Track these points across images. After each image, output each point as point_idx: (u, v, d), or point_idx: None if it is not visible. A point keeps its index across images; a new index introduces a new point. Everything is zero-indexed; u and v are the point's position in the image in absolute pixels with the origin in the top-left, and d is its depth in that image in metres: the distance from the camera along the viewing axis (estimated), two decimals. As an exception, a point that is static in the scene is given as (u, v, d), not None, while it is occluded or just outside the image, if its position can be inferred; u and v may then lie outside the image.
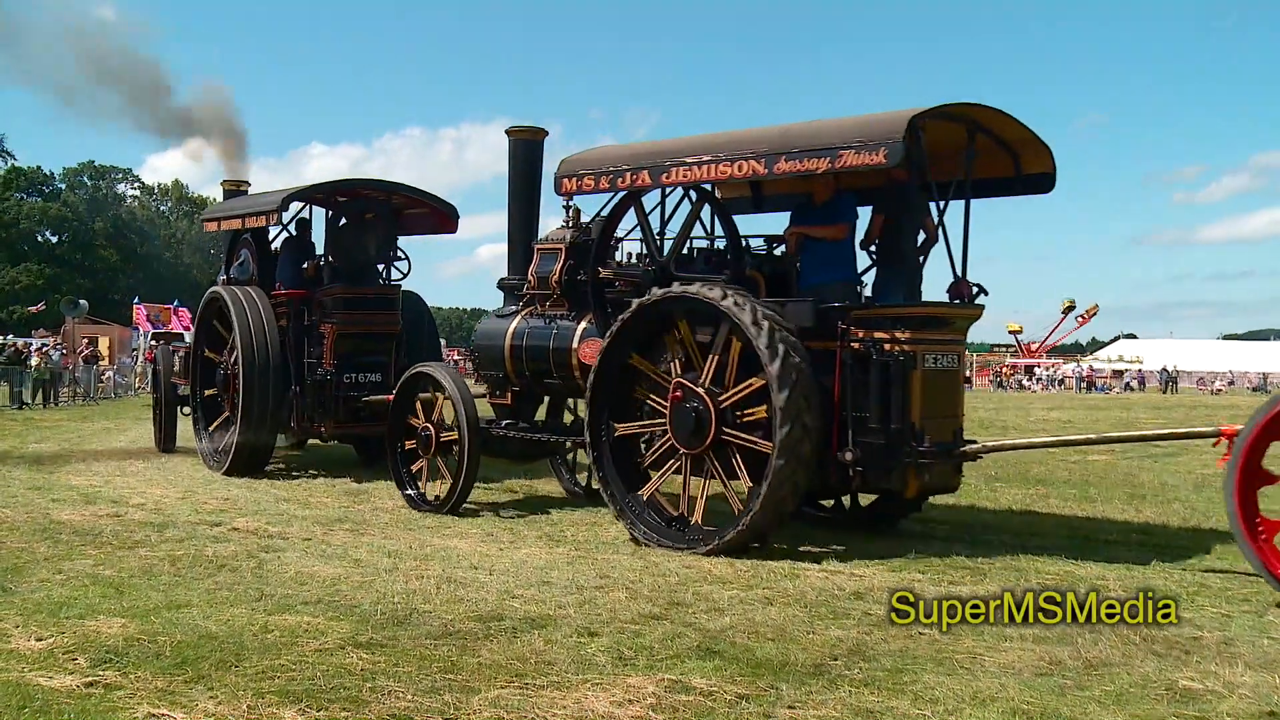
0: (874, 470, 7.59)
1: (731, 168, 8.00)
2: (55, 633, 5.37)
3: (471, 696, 4.49)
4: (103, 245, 74.26)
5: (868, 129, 7.42)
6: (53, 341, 34.37)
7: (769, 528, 7.62)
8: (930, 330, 7.73)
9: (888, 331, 7.58)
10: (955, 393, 8.01)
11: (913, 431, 7.50)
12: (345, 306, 11.95)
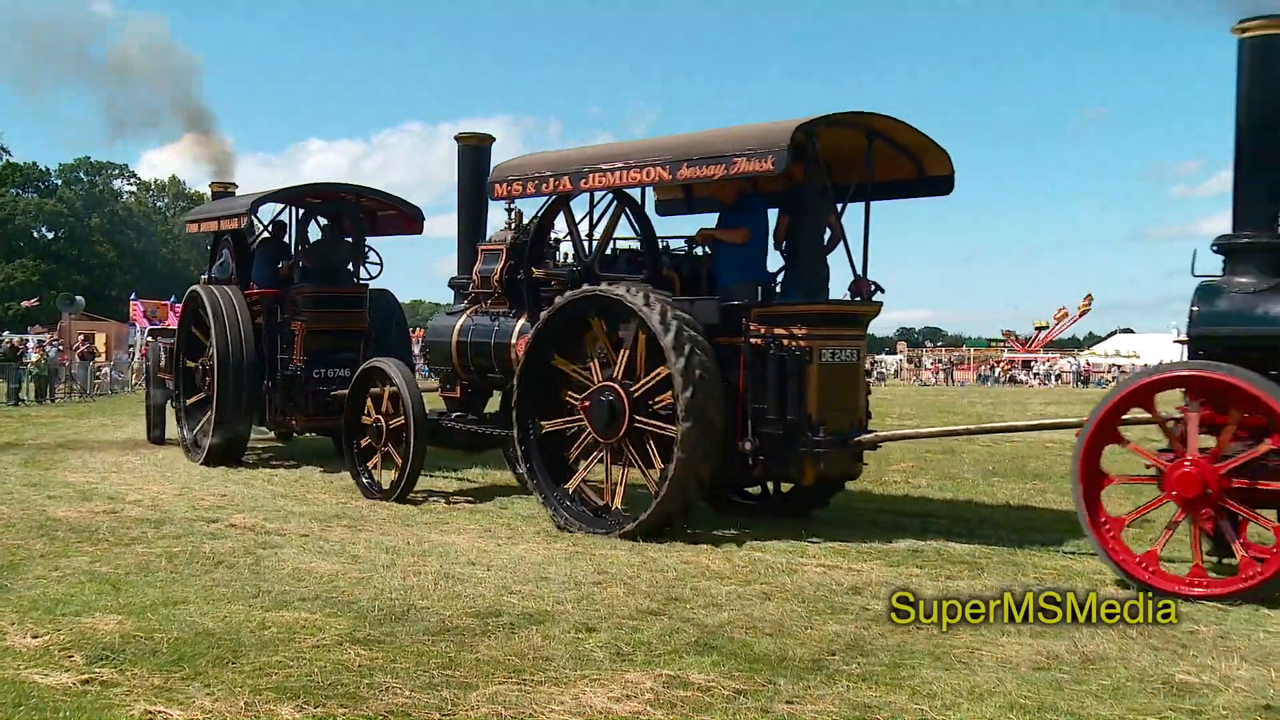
0: (773, 459, 8.01)
1: (640, 174, 8.50)
2: (51, 630, 5.36)
3: (469, 692, 4.49)
4: (99, 241, 74.16)
5: (757, 138, 7.91)
6: (49, 338, 34.31)
7: (676, 512, 8.02)
8: (827, 327, 8.13)
9: (786, 328, 7.98)
10: (855, 386, 8.39)
11: (809, 422, 7.89)
12: (314, 305, 12.48)
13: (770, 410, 7.93)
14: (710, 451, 7.86)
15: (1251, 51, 6.92)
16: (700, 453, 7.78)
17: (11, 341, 29.50)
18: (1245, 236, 6.98)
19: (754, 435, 7.96)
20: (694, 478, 7.87)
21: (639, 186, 8.83)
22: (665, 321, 7.84)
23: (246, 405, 12.45)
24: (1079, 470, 6.62)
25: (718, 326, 8.14)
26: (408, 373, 10.16)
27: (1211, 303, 6.95)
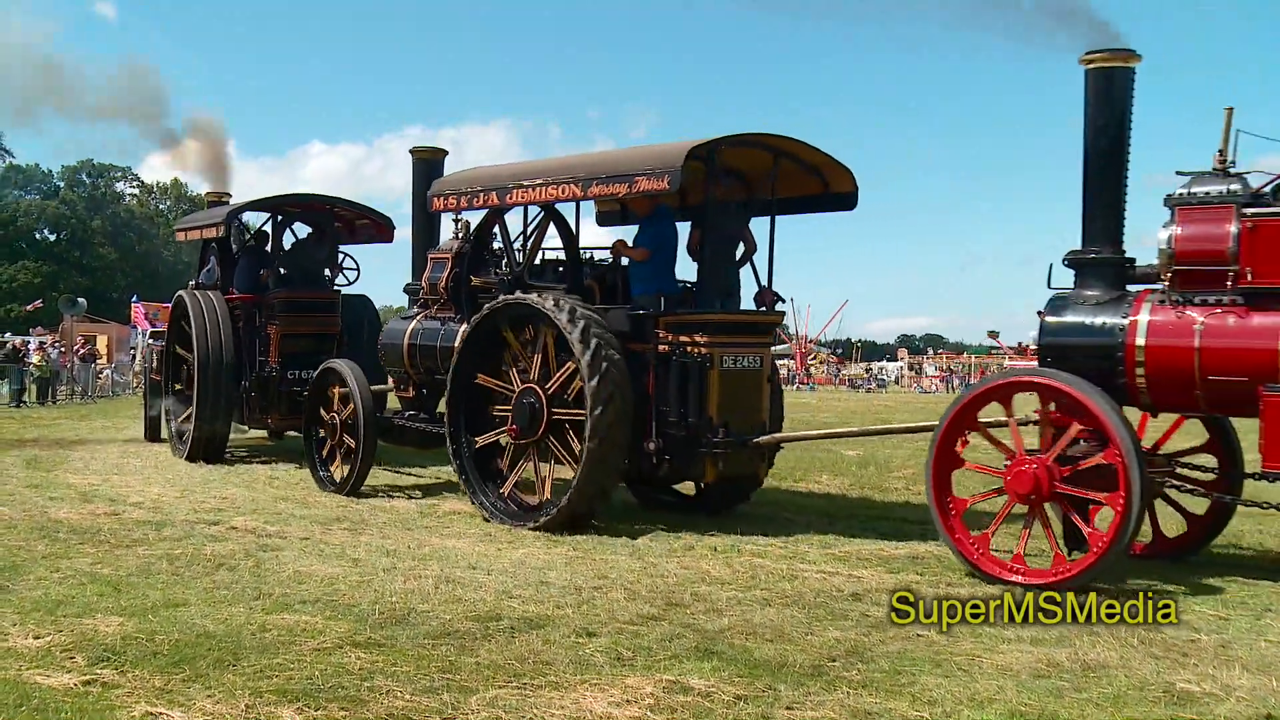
0: (677, 459, 8.57)
1: (557, 190, 9.11)
2: (53, 631, 5.37)
3: (469, 696, 4.49)
4: (101, 243, 74.18)
5: (655, 159, 8.51)
6: (50, 340, 34.33)
7: (591, 503, 8.52)
8: (728, 335, 8.68)
9: (690, 335, 8.54)
10: (757, 390, 8.91)
11: (710, 425, 8.46)
12: (288, 309, 13.17)
13: (673, 413, 8.47)
14: (621, 439, 8.34)
15: (1095, 81, 7.43)
16: (611, 439, 8.25)
17: (14, 343, 29.47)
18: (1092, 252, 7.48)
19: (658, 436, 8.51)
20: (608, 462, 8.33)
21: (556, 202, 9.32)
22: (573, 319, 8.39)
23: (225, 405, 13.04)
24: (932, 467, 7.13)
25: (629, 334, 8.69)
26: (360, 374, 10.67)
27: (1059, 313, 7.47)
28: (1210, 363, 6.75)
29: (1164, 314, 7.00)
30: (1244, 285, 6.70)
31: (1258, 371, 6.55)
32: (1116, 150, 7.44)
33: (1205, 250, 6.87)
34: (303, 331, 13.20)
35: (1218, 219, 6.85)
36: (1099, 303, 7.34)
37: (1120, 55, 7.41)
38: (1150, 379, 7.01)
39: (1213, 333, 6.77)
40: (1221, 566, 7.34)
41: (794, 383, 55.60)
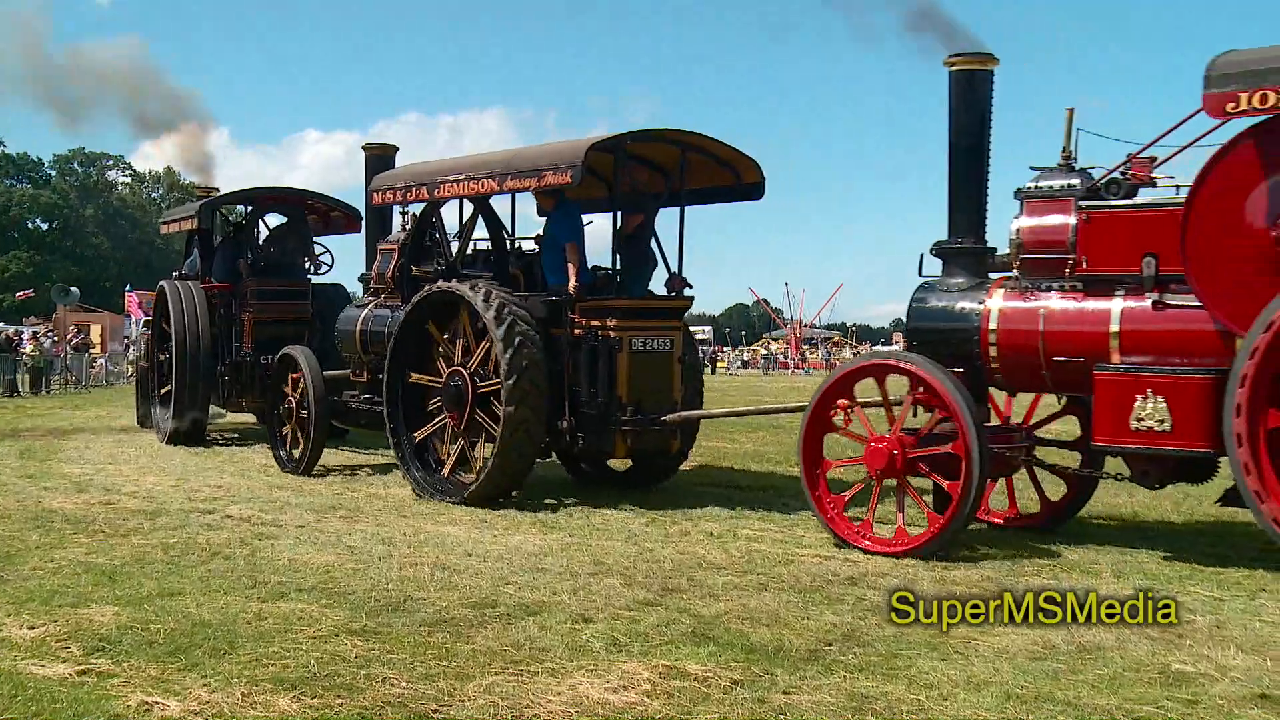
0: (590, 436, 9.10)
1: (478, 185, 9.67)
2: (48, 621, 5.36)
3: (465, 683, 4.49)
4: (94, 232, 73.93)
5: (559, 155, 9.09)
6: (43, 329, 34.24)
7: (512, 474, 9.06)
8: (637, 319, 9.20)
9: (600, 320, 9.05)
10: (668, 371, 9.40)
11: (620, 404, 8.98)
12: (260, 297, 13.84)
13: (585, 393, 9.01)
14: (536, 408, 8.85)
15: (958, 82, 7.91)
16: (526, 407, 8.77)
17: (6, 333, 29.38)
18: (957, 243, 7.98)
19: (572, 415, 9.06)
20: (522, 436, 8.82)
21: (477, 196, 9.87)
22: (488, 301, 8.94)
23: (203, 388, 13.71)
24: (802, 443, 7.57)
25: (547, 319, 9.21)
26: (313, 360, 11.27)
27: (924, 300, 8.00)
28: (1052, 345, 7.22)
29: (1013, 300, 7.49)
30: (1081, 273, 7.17)
31: (1092, 352, 7.00)
32: (978, 147, 7.91)
33: (1048, 240, 7.38)
34: (275, 318, 13.85)
35: (1059, 211, 7.35)
36: (960, 290, 7.83)
37: (979, 59, 7.88)
38: (1002, 360, 7.50)
39: (1054, 317, 7.25)
40: (1215, 548, 7.36)
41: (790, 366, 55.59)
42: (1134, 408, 6.66)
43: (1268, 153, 6.33)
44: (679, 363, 9.49)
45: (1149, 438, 6.66)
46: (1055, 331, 7.23)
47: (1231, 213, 6.45)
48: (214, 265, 14.38)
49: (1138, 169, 7.33)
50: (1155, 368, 6.73)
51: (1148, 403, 6.62)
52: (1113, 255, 7.05)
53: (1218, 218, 6.49)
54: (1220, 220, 6.48)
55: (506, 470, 8.94)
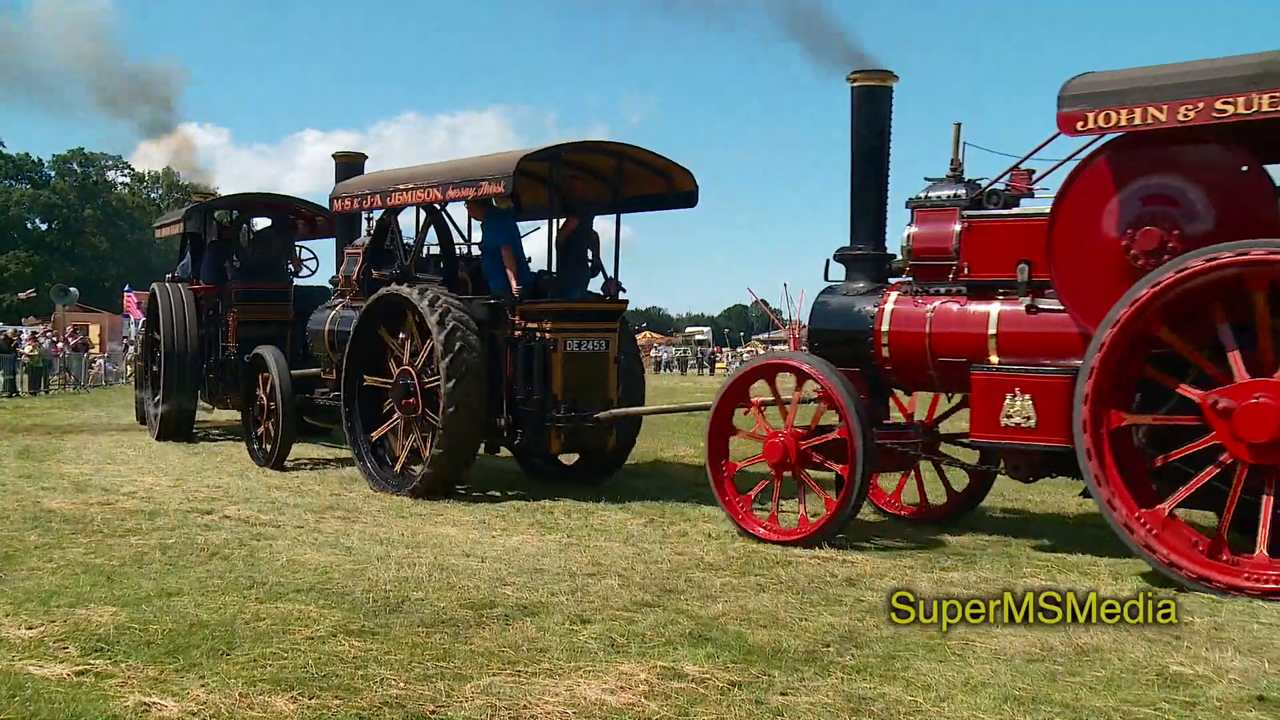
0: (527, 432, 9.63)
1: (424, 194, 10.22)
2: (46, 621, 5.36)
3: (463, 684, 4.48)
4: (93, 233, 73.87)
5: (494, 166, 9.59)
6: (42, 329, 34.22)
7: (453, 469, 9.51)
8: (571, 321, 9.67)
9: (537, 322, 9.54)
10: (604, 371, 9.86)
11: (555, 401, 9.46)
12: (243, 298, 14.42)
13: (522, 391, 9.53)
14: (474, 409, 9.32)
15: (859, 98, 8.39)
16: (464, 407, 9.23)
17: (5, 334, 29.37)
18: (858, 249, 8.45)
19: (510, 412, 9.56)
20: (462, 433, 9.28)
21: (423, 204, 10.44)
22: (431, 304, 9.40)
23: (190, 386, 14.35)
24: (709, 439, 7.99)
25: (489, 321, 9.71)
26: (281, 359, 11.86)
27: (825, 304, 8.45)
28: (938, 346, 7.65)
29: (904, 304, 7.93)
30: (964, 278, 7.60)
31: (972, 353, 7.40)
32: (878, 158, 8.39)
33: (935, 247, 7.82)
34: (258, 319, 14.38)
35: (945, 220, 7.78)
36: (858, 294, 8.27)
37: (879, 75, 8.38)
38: (894, 361, 7.95)
39: (939, 320, 7.67)
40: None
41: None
42: (1004, 405, 7.02)
43: (1119, 168, 6.70)
44: (614, 363, 9.94)
45: (1017, 433, 7.02)
46: (940, 333, 7.65)
47: (1089, 223, 6.80)
48: (202, 268, 14.94)
49: (1018, 181, 7.76)
50: (1022, 368, 7.10)
51: (1016, 400, 6.99)
52: (992, 262, 7.45)
53: (1077, 227, 6.84)
54: (1079, 229, 6.82)
55: (447, 465, 9.40)
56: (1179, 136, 6.46)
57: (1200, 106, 6.19)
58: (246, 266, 14.80)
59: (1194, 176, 6.49)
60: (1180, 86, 6.33)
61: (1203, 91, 6.23)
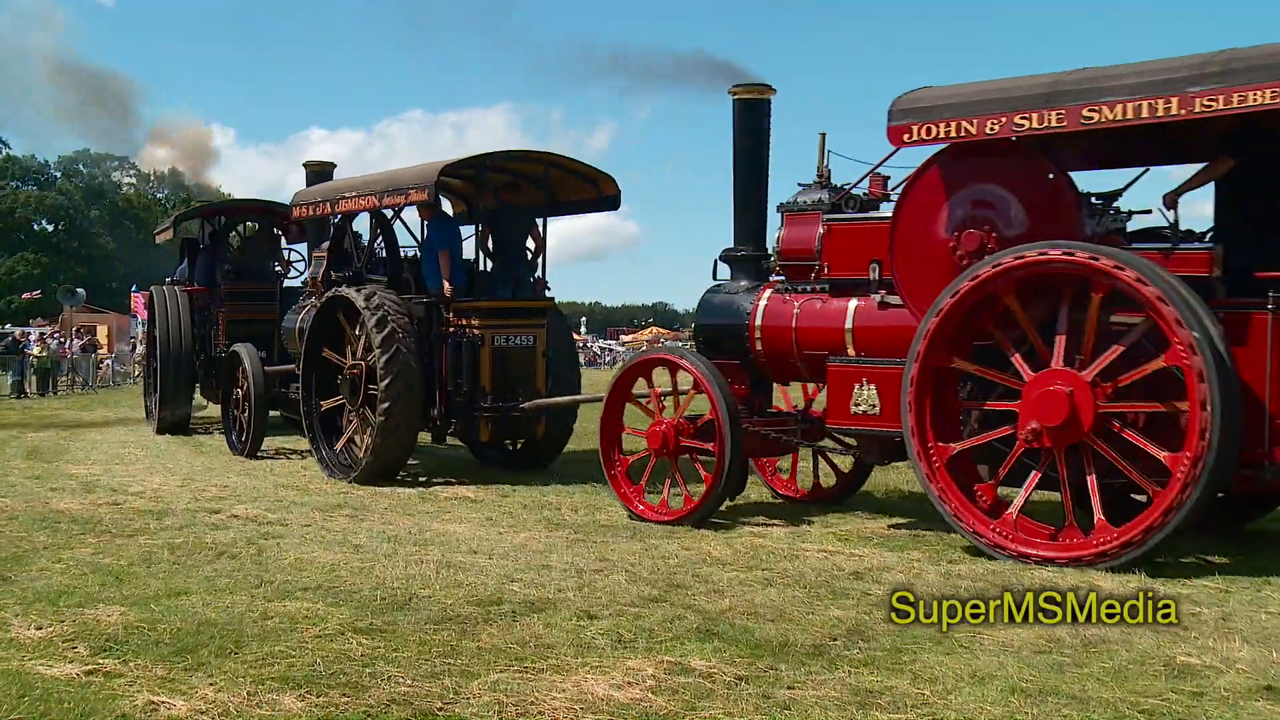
0: (460, 422, 10.48)
1: (365, 201, 11.07)
2: (55, 621, 5.37)
3: (471, 680, 4.49)
4: (99, 233, 74.00)
5: (419, 175, 10.42)
6: (50, 330, 34.32)
7: (391, 458, 10.25)
8: (499, 318, 10.54)
9: (467, 320, 10.39)
10: (532, 364, 10.72)
11: (483, 393, 10.31)
12: (232, 299, 15.27)
13: (449, 383, 10.30)
14: (409, 404, 10.02)
15: (740, 109, 9.01)
16: (399, 403, 9.93)
17: (14, 335, 29.48)
18: (740, 250, 9.07)
19: (443, 404, 10.35)
20: (398, 424, 9.98)
21: (365, 211, 11.23)
22: (369, 304, 10.16)
23: (185, 382, 15.36)
24: (600, 429, 8.60)
25: (426, 319, 10.52)
26: (255, 356, 12.67)
27: (709, 301, 9.09)
28: (803, 339, 8.28)
29: (775, 301, 8.56)
30: (825, 277, 8.20)
31: (832, 346, 8.00)
32: (758, 165, 9.03)
33: (800, 248, 8.45)
34: (245, 318, 15.09)
35: (810, 223, 8.39)
36: (738, 292, 8.88)
37: (758, 89, 9.00)
38: (766, 354, 8.59)
39: (804, 315, 8.30)
40: (1221, 540, 7.33)
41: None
42: (854, 394, 7.68)
43: (948, 176, 7.32)
44: (542, 356, 10.78)
45: (864, 420, 7.67)
46: (804, 328, 8.28)
47: (923, 225, 7.40)
48: (196, 271, 15.89)
49: (875, 187, 8.28)
50: (868, 360, 7.73)
51: (864, 390, 7.65)
52: (848, 262, 8.02)
53: (913, 229, 7.45)
54: (915, 231, 7.44)
55: (385, 454, 10.13)
56: (996, 148, 7.09)
57: (1003, 121, 6.88)
58: (236, 269, 15.64)
59: (1008, 184, 7.12)
60: (989, 103, 7.01)
61: (1006, 108, 6.90)
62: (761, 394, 9.02)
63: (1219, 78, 6.30)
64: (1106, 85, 6.67)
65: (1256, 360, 6.39)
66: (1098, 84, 6.71)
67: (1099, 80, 6.73)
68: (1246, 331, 6.43)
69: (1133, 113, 6.53)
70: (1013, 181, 7.12)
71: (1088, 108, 6.64)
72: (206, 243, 16.11)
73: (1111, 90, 6.63)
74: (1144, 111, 6.50)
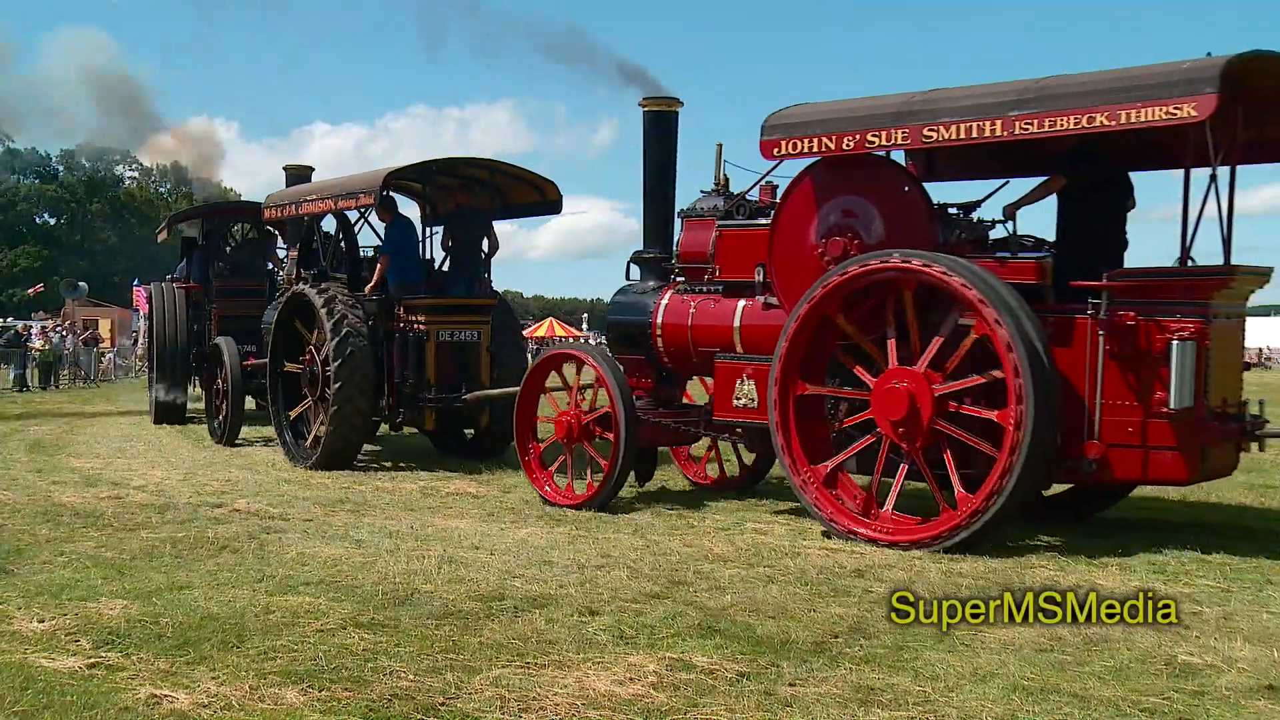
0: (408, 411, 11.12)
1: (325, 204, 11.76)
2: (57, 615, 5.38)
3: (473, 676, 4.50)
4: (101, 227, 74.03)
5: (368, 181, 11.24)
6: (52, 324, 34.33)
7: (344, 446, 10.95)
8: (444, 315, 11.22)
9: (415, 316, 11.09)
10: (475, 358, 11.41)
11: (428, 385, 11.00)
12: (222, 295, 16.09)
13: (397, 375, 10.98)
14: (361, 390, 10.73)
15: (649, 121, 9.65)
16: (349, 394, 10.64)
17: (16, 328, 29.49)
18: (649, 252, 9.68)
19: (392, 394, 11.04)
20: (350, 411, 10.70)
21: (326, 213, 11.91)
22: (324, 300, 10.92)
23: (180, 374, 16.22)
24: (515, 418, 9.20)
25: (379, 315, 11.17)
26: (234, 349, 13.44)
27: (619, 301, 9.70)
28: (698, 337, 8.83)
29: (675, 301, 9.10)
30: (718, 279, 8.74)
31: (722, 344, 8.55)
32: (665, 172, 9.65)
33: (697, 252, 9.05)
34: (236, 313, 15.82)
35: (705, 228, 8.95)
36: (645, 292, 9.44)
37: (666, 101, 9.64)
38: (666, 350, 9.15)
39: (699, 314, 8.84)
40: (1222, 539, 7.33)
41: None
42: (735, 389, 8.23)
43: (818, 187, 7.88)
44: (486, 351, 11.48)
45: (744, 413, 8.19)
46: (699, 326, 8.82)
47: (797, 232, 7.96)
48: (193, 268, 16.76)
49: (765, 195, 8.71)
50: (747, 356, 8.27)
51: (744, 385, 8.19)
52: (738, 265, 8.51)
53: (789, 236, 7.99)
54: (790, 237, 7.99)
55: (338, 442, 10.84)
56: (859, 161, 7.64)
57: (857, 138, 7.43)
58: (231, 267, 16.46)
59: (869, 195, 7.69)
60: (846, 120, 7.55)
61: (860, 125, 7.45)
62: (668, 387, 9.58)
63: (1035, 103, 6.83)
64: (945, 107, 7.21)
65: (1079, 360, 6.92)
66: (938, 105, 7.25)
67: (939, 102, 7.27)
68: (1071, 334, 6.97)
69: (964, 133, 7.08)
70: (873, 193, 7.69)
71: (928, 127, 7.19)
72: (202, 242, 16.92)
73: (948, 112, 7.17)
74: (974, 132, 7.05)
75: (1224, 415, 7.02)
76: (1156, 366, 6.69)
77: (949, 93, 7.35)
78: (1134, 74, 6.64)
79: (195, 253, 16.98)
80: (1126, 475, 7.00)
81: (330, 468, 10.78)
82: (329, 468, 10.78)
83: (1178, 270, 6.93)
